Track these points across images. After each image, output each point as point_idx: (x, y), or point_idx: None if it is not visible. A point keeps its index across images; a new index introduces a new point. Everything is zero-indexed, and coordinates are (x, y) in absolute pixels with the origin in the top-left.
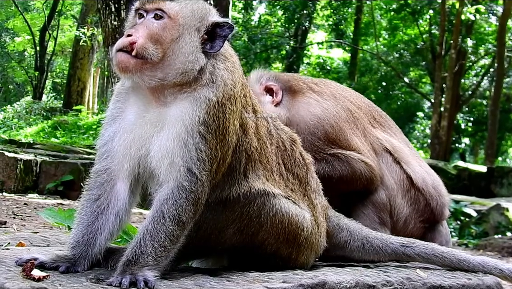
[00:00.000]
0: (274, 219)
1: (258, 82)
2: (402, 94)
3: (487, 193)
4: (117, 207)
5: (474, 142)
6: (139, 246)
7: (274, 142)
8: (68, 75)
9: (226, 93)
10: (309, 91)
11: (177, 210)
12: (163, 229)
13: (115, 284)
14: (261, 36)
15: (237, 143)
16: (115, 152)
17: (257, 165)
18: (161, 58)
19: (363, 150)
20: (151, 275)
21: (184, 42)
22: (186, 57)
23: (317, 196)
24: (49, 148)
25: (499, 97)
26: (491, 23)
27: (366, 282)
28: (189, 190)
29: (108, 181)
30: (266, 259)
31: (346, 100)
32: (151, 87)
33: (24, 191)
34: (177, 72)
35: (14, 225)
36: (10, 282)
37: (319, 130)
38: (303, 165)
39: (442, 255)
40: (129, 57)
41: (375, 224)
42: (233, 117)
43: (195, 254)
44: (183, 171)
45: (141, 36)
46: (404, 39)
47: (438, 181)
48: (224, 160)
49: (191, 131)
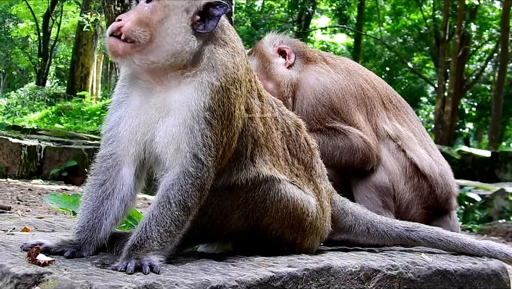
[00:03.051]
0: (279, 204)
1: (272, 44)
2: (406, 79)
3: (491, 178)
4: (122, 192)
5: (478, 127)
6: (144, 231)
7: (280, 128)
8: (71, 61)
9: (229, 78)
10: (322, 62)
11: (182, 196)
12: (169, 214)
13: (121, 268)
14: (264, 22)
15: (243, 128)
16: (121, 136)
17: (263, 150)
18: (149, 40)
19: (364, 128)
20: (156, 260)
21: (171, 23)
22: (174, 38)
23: (322, 180)
24: (53, 134)
25: (503, 82)
26: (495, 7)
27: (371, 267)
28: (195, 176)
29: (113, 166)
30: (271, 244)
31: (361, 78)
32: (150, 72)
33: (28, 176)
34: (167, 54)
35: (18, 211)
36: (16, 267)
37: (325, 98)
38: (308, 150)
39: (447, 240)
40: (118, 41)
41: (378, 207)
42: (239, 102)
43: (200, 238)
44: (189, 156)
45: (129, 20)
46: (408, 24)
47: (446, 170)
48: (230, 145)
49: (197, 117)
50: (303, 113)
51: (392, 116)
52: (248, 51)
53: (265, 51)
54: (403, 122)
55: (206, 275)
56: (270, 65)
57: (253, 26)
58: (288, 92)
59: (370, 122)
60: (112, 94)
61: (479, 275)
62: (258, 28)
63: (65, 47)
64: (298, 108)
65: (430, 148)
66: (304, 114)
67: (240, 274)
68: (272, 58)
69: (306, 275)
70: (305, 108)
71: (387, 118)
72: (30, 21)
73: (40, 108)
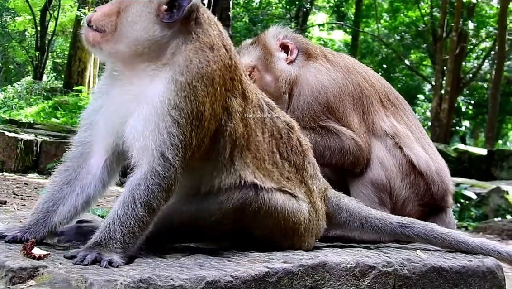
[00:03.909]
0: (269, 219)
1: (276, 38)
2: (403, 76)
3: (487, 176)
4: (85, 179)
5: (474, 125)
6: (108, 231)
7: (268, 131)
8: (68, 55)
9: (194, 73)
10: (322, 59)
11: (148, 196)
12: (133, 214)
13: (78, 258)
14: (262, 18)
15: (221, 128)
16: (95, 126)
17: (244, 152)
18: (114, 29)
19: (358, 129)
20: (117, 258)
21: (134, 11)
22: (134, 26)
23: (314, 180)
24: (50, 128)
25: (499, 80)
26: (493, 5)
27: (367, 263)
28: (162, 176)
29: (82, 154)
30: (267, 248)
31: (359, 76)
32: (121, 62)
33: (25, 170)
34: (129, 41)
35: (14, 205)
36: (11, 260)
37: (322, 96)
38: (300, 151)
39: (441, 236)
40: (89, 30)
41: (375, 204)
42: (210, 101)
43: (188, 238)
44: (156, 155)
45: (99, 10)
46: (405, 21)
47: (443, 168)
48: (200, 147)
49: (161, 115)
50: (298, 110)
51: (390, 114)
52: (251, 41)
53: (268, 43)
54: (400, 120)
55: (201, 270)
56: (271, 58)
57: (251, 22)
58: (286, 88)
59: (366, 121)
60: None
61: (474, 273)
62: (256, 24)
63: (63, 42)
64: (294, 105)
65: (427, 146)
66: (299, 111)
67: (235, 270)
68: (274, 52)
69: (301, 271)
70: (301, 105)
71: (384, 116)
72: (28, 15)
73: (37, 103)
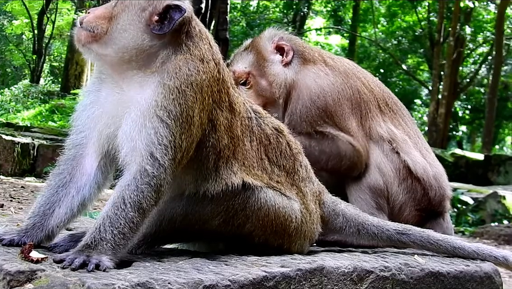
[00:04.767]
0: (260, 212)
1: (271, 41)
2: (400, 81)
3: (484, 181)
4: (80, 182)
5: (471, 130)
6: (98, 232)
7: (256, 139)
8: (66, 59)
9: (183, 79)
10: (321, 63)
11: (138, 196)
12: (123, 215)
13: (67, 262)
14: (259, 22)
15: (204, 138)
16: (87, 128)
17: (230, 161)
18: (105, 32)
19: (356, 133)
20: (106, 260)
21: (123, 20)
22: (124, 34)
23: (307, 183)
24: (47, 132)
25: (497, 85)
26: (490, 10)
27: (364, 267)
28: (151, 175)
29: (76, 157)
30: (258, 249)
31: (358, 80)
32: (109, 66)
33: (21, 174)
34: (118, 47)
35: (11, 208)
36: (9, 263)
37: (320, 100)
38: (290, 155)
39: (437, 243)
40: (81, 30)
41: (372, 209)
42: (199, 108)
43: (183, 238)
44: (145, 154)
45: (92, 12)
46: (403, 26)
47: (441, 173)
48: (188, 151)
49: (147, 116)
50: (296, 114)
51: (388, 120)
52: (245, 46)
53: (262, 47)
54: (398, 125)
55: (199, 274)
56: (265, 63)
57: (248, 26)
58: (281, 93)
59: (364, 126)
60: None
61: (471, 278)
62: (253, 28)
63: (60, 45)
64: (292, 109)
65: (425, 151)
66: (297, 115)
67: (233, 274)
68: (268, 55)
69: (299, 275)
70: (299, 109)
71: (382, 121)
72: (25, 18)
73: (34, 106)
